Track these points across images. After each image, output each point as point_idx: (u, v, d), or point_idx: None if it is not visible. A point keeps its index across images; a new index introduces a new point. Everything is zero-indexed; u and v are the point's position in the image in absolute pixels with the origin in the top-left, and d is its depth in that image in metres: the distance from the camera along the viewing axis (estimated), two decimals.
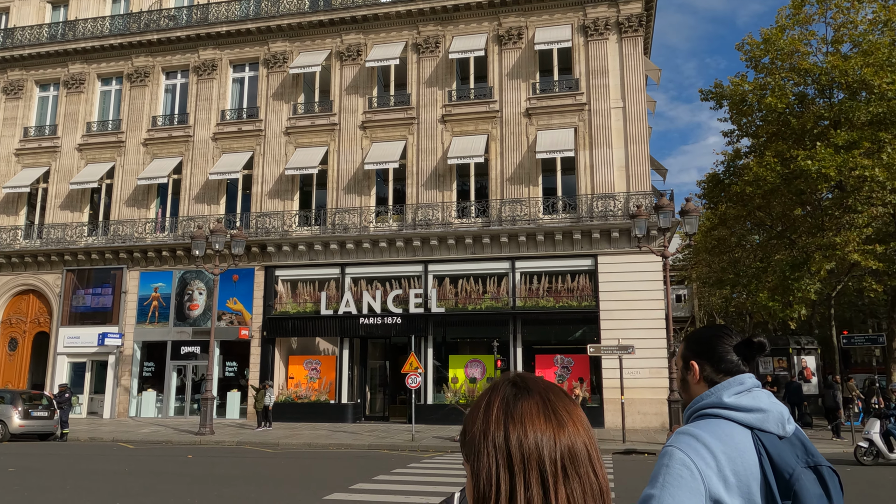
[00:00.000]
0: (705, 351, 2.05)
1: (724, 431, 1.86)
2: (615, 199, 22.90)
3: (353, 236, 24.27)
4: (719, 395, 1.93)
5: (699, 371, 2.04)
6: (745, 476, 1.78)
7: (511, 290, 23.32)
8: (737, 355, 2.02)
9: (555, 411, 0.96)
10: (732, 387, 1.94)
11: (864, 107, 19.86)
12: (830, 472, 1.86)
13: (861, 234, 19.46)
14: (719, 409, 1.91)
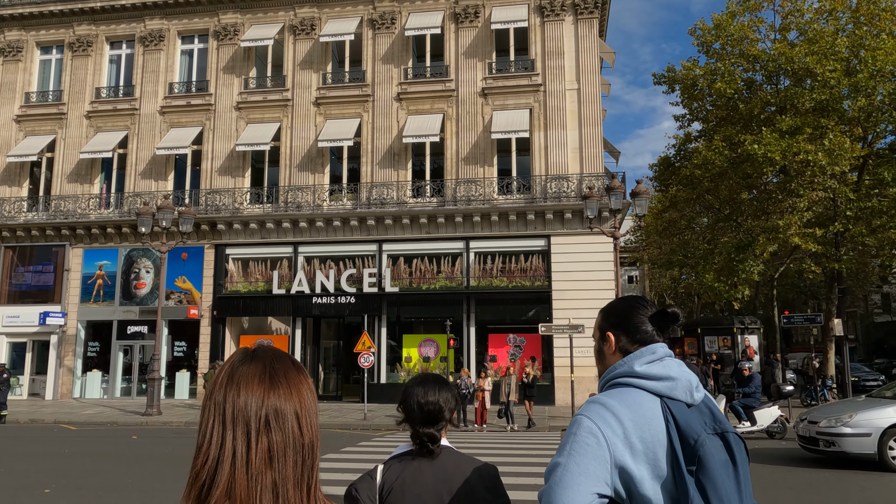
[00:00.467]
0: (621, 322, 2.06)
1: (634, 399, 1.86)
2: (569, 180, 23.11)
3: (306, 215, 23.92)
4: (631, 364, 1.94)
5: (615, 341, 2.04)
6: (651, 443, 1.80)
7: (465, 270, 23.39)
8: (651, 326, 2.03)
9: (272, 376, 1.10)
10: (644, 356, 1.95)
11: (808, 93, 20.41)
12: (736, 439, 1.89)
13: (802, 217, 20.11)
14: (630, 378, 1.92)
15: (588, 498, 1.70)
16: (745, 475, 1.87)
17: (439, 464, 2.11)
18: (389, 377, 23.62)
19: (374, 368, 23.11)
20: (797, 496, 8.72)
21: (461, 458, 2.19)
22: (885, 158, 21.86)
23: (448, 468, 2.11)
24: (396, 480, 2.06)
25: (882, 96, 19.95)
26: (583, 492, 1.70)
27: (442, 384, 2.26)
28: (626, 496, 1.80)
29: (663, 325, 2.03)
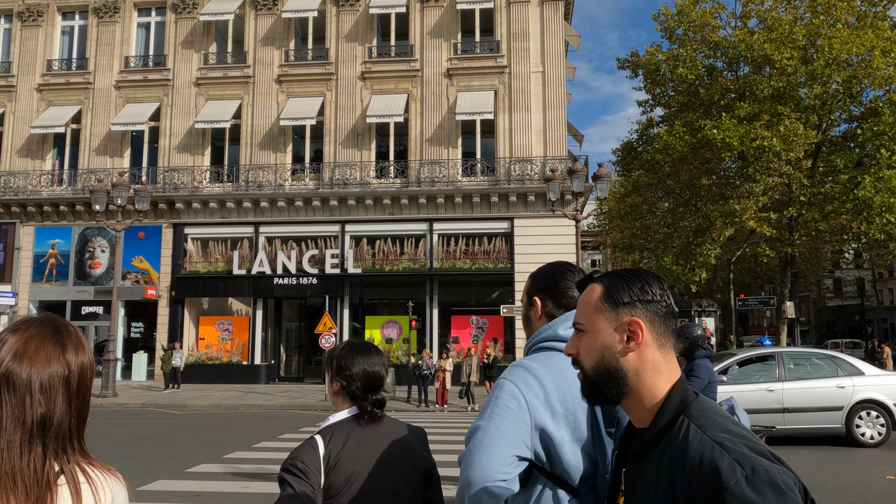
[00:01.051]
0: (548, 287, 2.06)
1: (557, 363, 1.86)
2: (532, 163, 23.19)
3: (267, 194, 23.56)
4: (556, 328, 1.94)
5: (541, 306, 2.04)
6: (572, 405, 1.80)
7: (428, 252, 23.37)
8: (578, 291, 2.02)
9: (24, 347, 1.21)
10: (569, 320, 1.94)
11: (766, 81, 20.79)
12: None
13: (758, 202, 20.57)
14: (555, 342, 1.92)
15: (507, 460, 1.70)
16: None
17: (380, 428, 2.14)
18: None
19: None
20: None
21: (396, 421, 2.23)
22: (839, 146, 22.45)
23: (389, 432, 2.15)
24: (343, 448, 2.03)
25: (837, 85, 20.42)
26: (502, 454, 1.69)
27: (378, 351, 2.28)
28: (546, 458, 1.80)
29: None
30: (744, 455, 1.09)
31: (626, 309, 1.30)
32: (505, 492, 1.68)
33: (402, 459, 2.11)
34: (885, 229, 19.37)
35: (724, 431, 1.16)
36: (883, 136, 19.76)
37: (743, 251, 26.33)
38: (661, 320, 1.31)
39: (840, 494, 7.43)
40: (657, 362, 1.29)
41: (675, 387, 1.28)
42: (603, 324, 1.31)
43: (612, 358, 1.29)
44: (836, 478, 8.36)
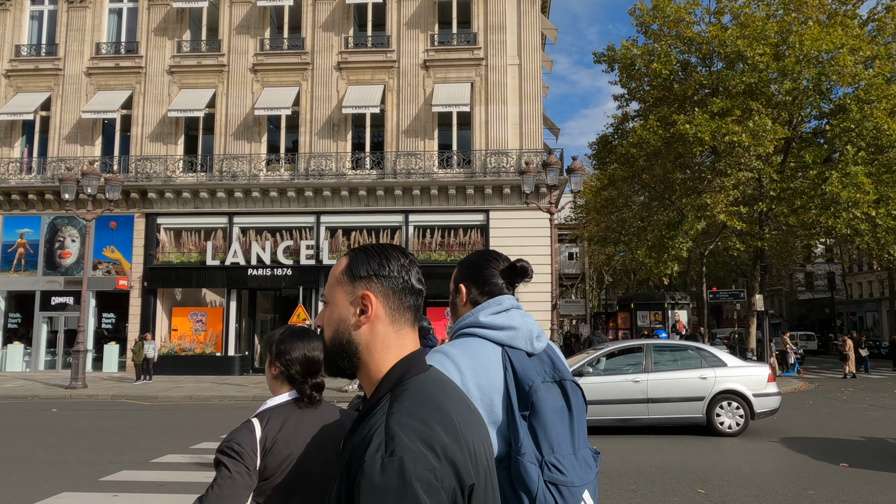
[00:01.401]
0: (473, 274, 2.10)
1: (476, 349, 1.91)
2: (508, 155, 23.26)
3: (241, 184, 23.36)
4: (477, 315, 1.99)
5: (466, 293, 2.09)
6: (488, 389, 1.85)
7: (404, 244, 23.36)
8: (502, 279, 2.07)
9: None
10: (491, 307, 2.00)
11: (739, 76, 21.04)
12: (573, 387, 1.96)
13: (728, 196, 20.86)
14: (475, 328, 1.97)
15: None
16: (579, 420, 1.95)
17: (318, 412, 2.18)
18: None
19: None
20: None
21: (333, 406, 2.28)
22: (808, 142, 22.82)
23: (326, 415, 2.19)
24: (280, 431, 2.07)
25: (807, 81, 20.73)
26: None
27: (317, 337, 2.30)
28: None
29: (513, 278, 2.08)
30: (398, 440, 1.07)
31: (362, 282, 1.30)
32: None
33: (337, 442, 2.13)
34: (851, 224, 19.76)
35: (411, 417, 1.12)
36: (850, 133, 20.13)
37: (715, 245, 26.67)
38: (397, 296, 1.31)
39: (695, 480, 7.63)
40: (388, 337, 1.28)
41: (398, 363, 1.27)
42: (341, 296, 1.31)
43: (346, 330, 1.28)
44: (693, 465, 8.57)
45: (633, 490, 7.24)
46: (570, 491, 1.80)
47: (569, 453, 1.86)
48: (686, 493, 7.11)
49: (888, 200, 19.62)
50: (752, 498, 6.86)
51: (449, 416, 1.17)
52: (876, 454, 9.19)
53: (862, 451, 9.47)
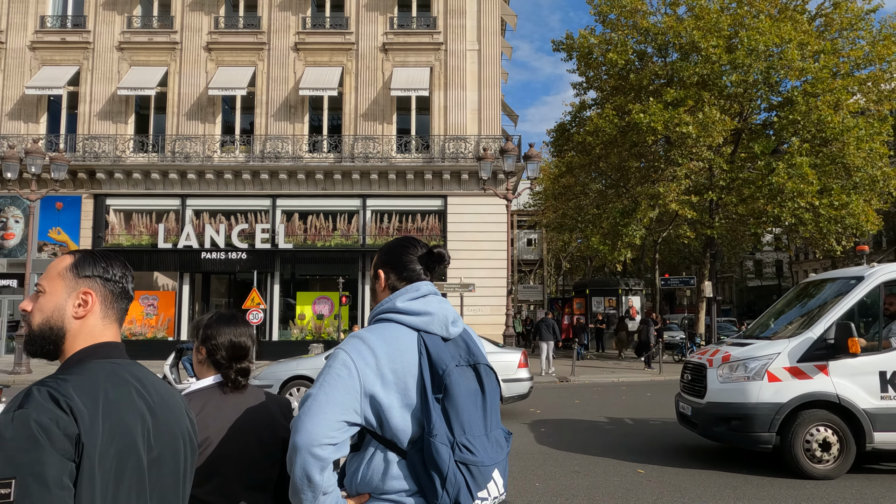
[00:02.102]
0: (391, 260, 2.13)
1: (392, 334, 1.95)
2: (466, 141, 23.30)
3: (195, 166, 22.87)
4: (394, 300, 2.03)
5: (384, 279, 2.12)
6: (403, 373, 1.89)
7: (361, 228, 23.27)
8: (420, 265, 2.11)
9: None
10: (408, 293, 2.04)
11: (692, 68, 21.43)
12: (487, 370, 2.02)
13: (680, 185, 21.32)
14: (392, 314, 2.01)
15: (335, 426, 1.78)
16: (492, 403, 2.01)
17: (242, 397, 2.18)
18: (282, 335, 23.33)
19: (266, 326, 22.77)
20: None
21: (259, 391, 2.28)
22: (758, 133, 23.42)
23: (250, 400, 2.19)
24: (199, 414, 2.08)
25: (757, 74, 21.24)
26: (329, 420, 1.77)
27: (245, 322, 2.32)
28: (376, 423, 1.90)
29: (430, 264, 2.13)
30: (30, 397, 1.28)
31: (86, 281, 1.52)
32: (332, 455, 1.77)
33: (260, 428, 2.15)
34: (795, 213, 20.43)
35: (55, 380, 1.33)
36: (796, 125, 20.74)
37: (668, 232, 27.26)
38: (114, 297, 1.55)
39: None
40: (94, 330, 1.50)
41: (86, 348, 1.47)
42: (60, 289, 1.51)
43: (60, 319, 1.48)
44: None
45: None
46: (480, 470, 1.87)
47: (480, 434, 1.92)
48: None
49: (830, 191, 20.33)
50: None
51: (99, 388, 1.37)
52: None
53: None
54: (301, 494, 1.76)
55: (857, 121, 20.66)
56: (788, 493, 6.44)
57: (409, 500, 1.85)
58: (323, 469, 1.75)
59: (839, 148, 20.56)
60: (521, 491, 6.54)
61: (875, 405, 6.80)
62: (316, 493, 1.76)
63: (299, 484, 1.75)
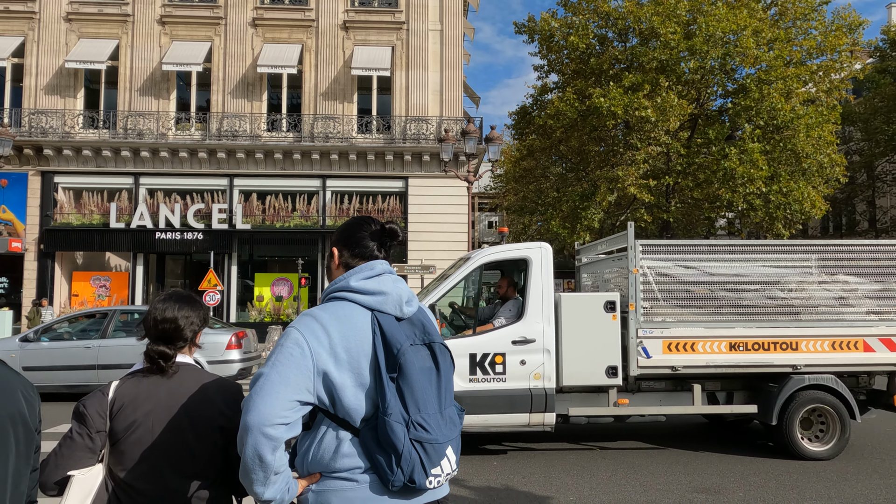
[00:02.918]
0: (345, 238, 2.12)
1: (345, 312, 1.95)
2: (428, 122, 23.18)
3: (149, 143, 22.22)
4: (348, 279, 2.02)
5: (338, 257, 2.11)
6: (356, 353, 1.89)
7: (321, 209, 23.02)
8: (373, 242, 2.10)
9: None
10: (363, 272, 2.03)
11: (652, 53, 21.67)
12: (442, 349, 2.04)
13: (639, 169, 21.64)
14: (346, 293, 2.00)
15: (287, 405, 1.77)
16: (447, 380, 2.03)
17: (177, 380, 2.09)
18: (240, 316, 23.01)
19: (224, 307, 22.43)
20: None
21: (204, 375, 2.17)
22: (713, 119, 23.88)
23: (186, 385, 2.09)
24: (130, 396, 2.03)
25: (714, 61, 21.61)
26: (281, 399, 1.76)
27: (186, 301, 2.21)
28: (329, 402, 1.89)
29: (383, 240, 2.12)
30: None
31: None
32: (284, 434, 1.76)
33: (194, 413, 2.06)
34: (747, 199, 20.97)
35: None
36: (750, 112, 21.22)
37: (626, 216, 27.69)
38: None
39: None
40: None
41: None
42: None
43: None
44: None
45: None
46: (435, 447, 1.89)
47: (435, 412, 1.94)
48: None
49: (780, 177, 20.92)
50: None
51: None
52: None
53: None
54: (252, 475, 1.75)
55: (807, 109, 21.24)
56: (736, 467, 6.69)
57: (362, 478, 1.86)
58: (275, 449, 1.74)
59: (789, 135, 21.12)
60: (479, 469, 6.63)
61: (463, 388, 6.73)
62: (267, 473, 1.75)
63: (250, 464, 1.74)
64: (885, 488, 5.94)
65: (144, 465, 1.99)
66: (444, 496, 2.02)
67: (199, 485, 2.03)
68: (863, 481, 6.18)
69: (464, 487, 5.94)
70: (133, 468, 1.98)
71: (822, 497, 5.69)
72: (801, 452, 6.99)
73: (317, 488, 1.88)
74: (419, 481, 1.84)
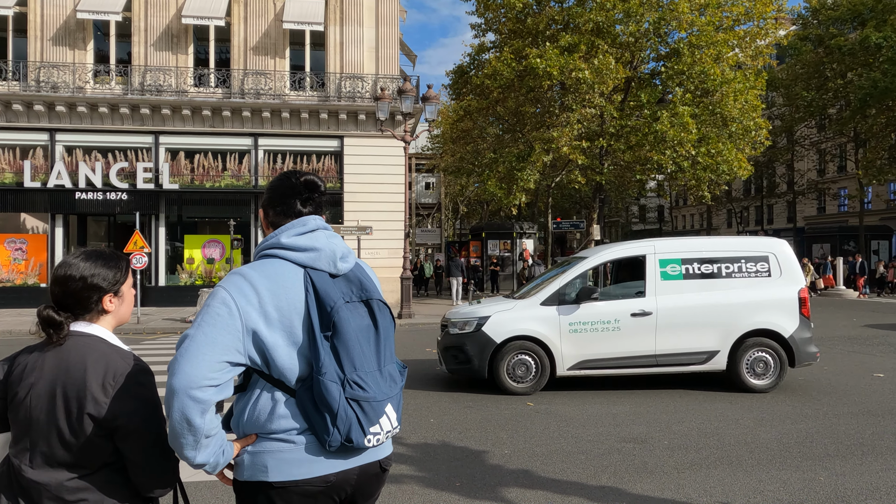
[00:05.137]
0: (271, 196, 2.05)
1: (276, 270, 1.88)
2: (363, 80, 22.68)
3: (65, 97, 20.91)
4: (279, 236, 1.95)
5: (264, 217, 2.05)
6: (288, 311, 1.84)
7: (253, 169, 22.35)
8: (299, 198, 2.04)
9: None
10: (294, 228, 1.97)
11: (588, 14, 21.77)
12: (381, 306, 2.00)
13: (573, 130, 21.91)
14: (277, 250, 1.94)
15: (216, 367, 1.70)
16: (386, 337, 2.00)
17: (64, 353, 1.80)
18: (170, 279, 22.30)
19: (152, 271, 21.67)
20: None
21: (94, 350, 1.82)
22: (646, 82, 24.34)
23: (71, 359, 1.79)
24: (21, 366, 1.82)
25: (648, 24, 21.91)
26: (209, 361, 1.70)
27: (98, 258, 1.89)
28: (262, 362, 1.84)
29: (303, 192, 2.05)
30: None
31: None
32: (214, 397, 1.70)
33: (67, 395, 1.77)
34: (676, 161, 21.63)
35: None
36: (681, 76, 21.73)
37: (561, 178, 28.12)
38: None
39: None
40: None
41: None
42: None
43: None
44: None
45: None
46: (372, 405, 1.87)
47: (373, 370, 1.91)
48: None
49: (708, 140, 21.62)
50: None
51: None
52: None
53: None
54: (181, 438, 1.69)
55: (735, 74, 21.90)
56: (661, 418, 7.01)
57: (298, 439, 1.83)
58: (204, 412, 1.68)
59: (718, 99, 21.79)
60: (417, 427, 6.71)
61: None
62: (197, 437, 1.69)
63: (178, 428, 1.68)
64: (795, 433, 6.36)
65: (24, 442, 1.79)
66: (388, 455, 2.01)
67: (73, 476, 1.76)
68: (777, 427, 6.60)
69: (401, 445, 6.00)
70: (17, 443, 1.80)
71: (739, 442, 6.04)
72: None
73: (252, 449, 1.84)
74: (357, 440, 1.82)
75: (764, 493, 4.73)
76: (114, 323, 1.94)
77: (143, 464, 1.80)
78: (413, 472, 5.27)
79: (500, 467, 5.38)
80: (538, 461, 5.53)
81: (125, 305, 1.97)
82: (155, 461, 1.80)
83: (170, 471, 1.84)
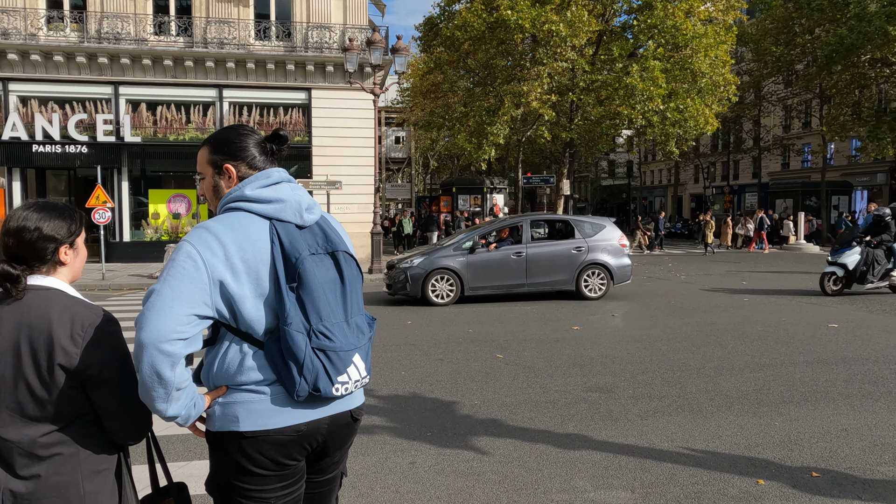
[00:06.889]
0: (233, 150, 2.01)
1: (241, 222, 1.87)
2: (331, 30, 22.09)
3: (16, 45, 19.98)
4: (243, 189, 1.93)
5: (235, 172, 2.01)
6: (254, 262, 1.83)
7: (219, 121, 21.82)
8: (261, 150, 2.03)
9: None
10: (259, 180, 1.95)
11: None
12: (346, 257, 2.00)
13: (543, 84, 21.78)
14: (241, 202, 1.92)
15: (184, 320, 1.70)
16: (353, 289, 2.00)
17: (24, 307, 1.75)
18: (135, 235, 21.90)
19: (116, 226, 21.24)
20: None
21: (56, 302, 1.78)
22: (618, 36, 24.18)
23: (32, 313, 1.75)
24: None
25: None
26: (176, 314, 1.69)
27: (44, 211, 1.84)
28: (229, 315, 1.84)
29: (274, 146, 2.05)
30: None
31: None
32: (183, 350, 1.70)
33: (37, 348, 1.73)
34: (645, 116, 21.71)
35: None
36: (653, 30, 21.63)
37: (532, 132, 28.06)
38: None
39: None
40: None
41: None
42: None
43: None
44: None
45: (440, 359, 7.83)
46: (339, 355, 1.89)
47: (340, 321, 1.92)
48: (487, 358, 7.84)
49: (677, 95, 21.70)
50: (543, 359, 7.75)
51: None
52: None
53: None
54: (152, 392, 1.70)
55: (706, 29, 21.86)
56: (627, 368, 7.21)
57: (267, 390, 1.85)
58: (174, 365, 1.68)
59: (688, 54, 21.79)
60: (388, 380, 6.80)
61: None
62: (168, 390, 1.70)
63: (148, 382, 1.68)
64: (753, 381, 6.61)
65: None
66: (359, 405, 2.04)
67: (47, 432, 1.75)
68: (736, 375, 6.84)
69: (373, 397, 6.09)
70: None
71: (700, 390, 6.26)
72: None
73: (223, 401, 1.86)
74: (324, 389, 1.84)
75: (722, 437, 4.93)
76: (70, 277, 1.90)
77: (117, 411, 1.80)
78: (385, 423, 5.36)
79: (470, 417, 5.50)
80: (507, 411, 5.67)
81: (79, 260, 1.92)
82: (129, 408, 1.80)
83: (143, 417, 1.85)
